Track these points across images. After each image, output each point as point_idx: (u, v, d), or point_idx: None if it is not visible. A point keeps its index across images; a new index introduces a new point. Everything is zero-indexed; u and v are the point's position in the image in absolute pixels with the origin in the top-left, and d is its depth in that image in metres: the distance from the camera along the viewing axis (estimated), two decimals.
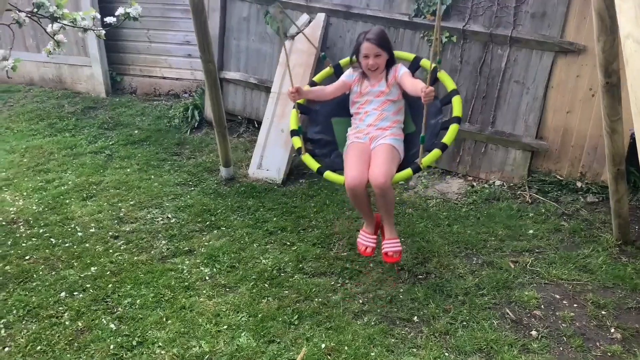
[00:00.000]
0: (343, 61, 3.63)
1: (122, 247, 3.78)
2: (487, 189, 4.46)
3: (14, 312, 3.15)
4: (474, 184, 4.60)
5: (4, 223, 4.08)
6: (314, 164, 3.25)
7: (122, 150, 5.37)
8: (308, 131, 3.59)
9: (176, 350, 2.86)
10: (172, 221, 4.11)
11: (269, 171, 4.90)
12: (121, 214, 4.21)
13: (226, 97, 5.89)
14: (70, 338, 2.97)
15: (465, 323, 3.00)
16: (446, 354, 2.80)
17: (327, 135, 3.54)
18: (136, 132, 5.80)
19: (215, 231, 3.98)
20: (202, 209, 4.28)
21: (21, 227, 4.03)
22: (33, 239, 3.87)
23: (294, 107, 3.39)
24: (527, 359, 2.73)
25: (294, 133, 3.38)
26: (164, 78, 6.90)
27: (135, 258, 3.65)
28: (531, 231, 3.85)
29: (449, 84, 3.23)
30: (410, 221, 4.04)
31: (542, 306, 3.12)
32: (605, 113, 3.14)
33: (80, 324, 3.07)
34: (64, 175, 4.86)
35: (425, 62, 3.41)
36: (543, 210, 4.12)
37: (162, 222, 4.11)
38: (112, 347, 2.89)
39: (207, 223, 4.09)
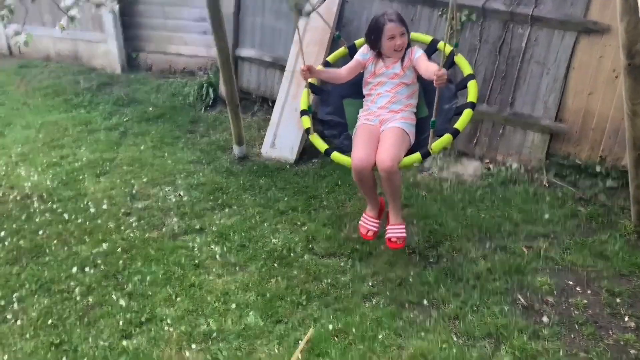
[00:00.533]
0: (358, 41, 3.54)
1: (133, 224, 3.80)
2: (503, 172, 4.37)
3: (27, 286, 3.19)
4: (491, 166, 4.51)
5: (18, 198, 4.12)
6: (321, 145, 3.21)
7: (137, 127, 5.38)
8: (319, 111, 3.55)
9: (184, 327, 2.88)
10: (184, 199, 4.11)
11: (281, 150, 4.87)
12: (134, 191, 4.22)
13: (241, 75, 5.84)
14: (81, 313, 3.00)
15: (475, 308, 2.96)
16: (455, 338, 2.77)
17: (337, 117, 3.49)
18: (151, 109, 5.80)
19: (227, 210, 3.98)
20: (214, 187, 4.27)
21: (35, 202, 4.07)
22: (46, 214, 3.90)
23: (305, 87, 3.33)
24: (537, 345, 2.69)
25: (303, 113, 3.33)
26: (180, 55, 6.86)
27: (147, 235, 3.67)
28: (547, 216, 3.78)
29: (466, 68, 3.15)
30: (424, 204, 3.98)
31: (555, 292, 3.06)
32: (626, 96, 3.03)
33: (90, 300, 3.10)
34: (78, 151, 4.88)
35: (443, 45, 3.31)
36: (560, 195, 4.03)
37: (174, 199, 4.11)
38: (121, 322, 2.92)
39: (219, 201, 4.08)
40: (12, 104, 6.00)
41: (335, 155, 3.15)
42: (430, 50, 3.36)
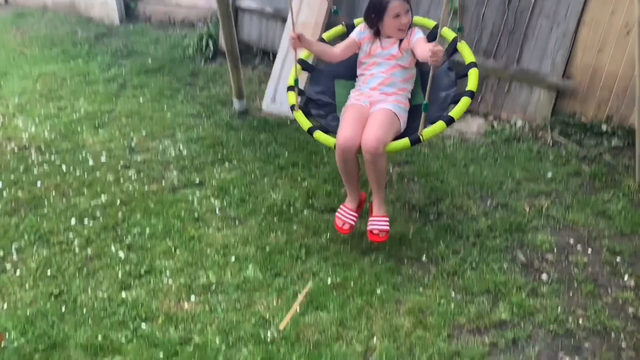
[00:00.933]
0: (358, 20, 3.35)
1: (132, 177, 3.76)
2: (507, 130, 4.30)
3: (26, 237, 3.19)
4: (495, 124, 4.44)
5: (16, 149, 4.08)
6: (305, 122, 3.02)
7: (135, 79, 5.28)
8: (308, 89, 3.36)
9: (184, 279, 2.88)
10: (183, 153, 4.07)
11: (282, 106, 4.78)
12: (133, 144, 4.17)
13: (241, 27, 5.70)
14: (80, 264, 3.00)
15: (474, 265, 2.95)
16: (453, 294, 2.77)
17: (327, 97, 3.31)
18: (150, 61, 5.68)
19: (227, 164, 3.94)
20: (214, 141, 4.22)
21: (33, 153, 4.02)
22: (44, 166, 3.87)
23: (295, 60, 3.14)
24: (535, 302, 2.69)
25: (290, 89, 3.14)
26: (179, 6, 6.69)
27: (146, 188, 3.64)
28: (550, 174, 3.73)
29: (468, 56, 2.99)
30: (425, 161, 3.93)
31: (555, 250, 3.05)
32: (638, 52, 2.93)
33: (89, 251, 3.10)
34: (76, 102, 4.80)
35: (447, 32, 3.14)
36: (564, 153, 3.97)
37: (173, 153, 4.06)
38: (120, 274, 2.92)
39: (219, 156, 4.03)
40: (9, 53, 5.88)
41: (319, 135, 2.95)
42: (432, 36, 3.16)
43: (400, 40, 3.07)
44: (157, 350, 2.48)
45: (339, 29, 3.44)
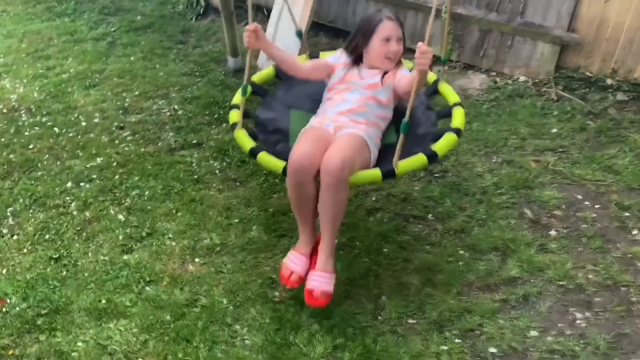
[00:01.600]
0: (325, 54, 2.98)
1: (128, 138, 3.65)
2: (510, 85, 4.21)
3: (20, 200, 3.10)
4: (497, 79, 4.34)
5: (5, 111, 3.94)
6: (247, 142, 2.46)
7: (125, 37, 5.09)
8: (257, 112, 2.86)
9: (187, 241, 2.82)
10: (179, 113, 3.95)
11: None
12: (126, 104, 4.04)
13: None
14: (79, 228, 2.93)
15: (481, 222, 2.91)
16: (461, 252, 2.74)
17: (280, 124, 2.78)
18: (139, 18, 5.47)
19: (224, 125, 3.83)
20: (209, 101, 4.09)
21: (23, 115, 3.89)
22: (36, 128, 3.74)
23: (245, 82, 2.55)
24: (544, 258, 2.66)
25: (234, 107, 2.65)
26: None
27: (142, 150, 3.54)
28: (555, 130, 3.67)
29: (452, 96, 2.67)
30: None
31: (563, 206, 3.01)
32: None
33: (87, 214, 3.02)
34: (64, 62, 4.63)
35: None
36: (569, 109, 3.90)
37: (168, 113, 3.95)
38: (120, 237, 2.86)
39: (215, 116, 3.92)
40: None
41: (264, 157, 2.38)
42: (430, 90, 2.82)
43: (384, 73, 2.62)
44: (164, 312, 2.44)
45: (270, 71, 2.99)
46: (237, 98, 2.67)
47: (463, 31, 4.43)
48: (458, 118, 2.51)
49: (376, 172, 2.30)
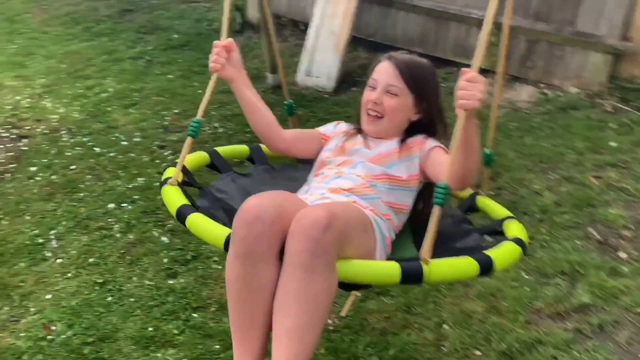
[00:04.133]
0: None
1: (169, 157, 3.59)
2: (561, 97, 4.03)
3: (64, 223, 3.03)
4: (547, 91, 4.17)
5: (46, 131, 3.91)
6: (177, 199, 1.74)
7: (163, 56, 5.08)
8: (214, 183, 2.14)
9: None
10: (219, 130, 3.88)
11: (318, 78, 4.56)
12: (166, 123, 3.99)
13: None
14: (123, 251, 2.84)
15: (545, 243, 2.74)
16: (525, 276, 2.56)
17: (233, 203, 1.91)
18: (175, 36, 5.47)
19: None
20: None
21: (64, 135, 3.86)
22: (77, 148, 3.70)
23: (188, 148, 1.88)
24: (617, 283, 2.47)
25: (177, 165, 1.88)
26: None
27: None
28: (614, 143, 3.47)
29: (499, 210, 1.90)
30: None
31: (631, 226, 2.82)
32: None
33: (131, 237, 2.93)
34: (104, 81, 4.62)
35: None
36: (626, 121, 3.70)
37: (209, 131, 3.88)
38: (165, 260, 2.76)
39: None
40: (31, 33, 5.70)
41: (197, 219, 1.59)
42: (466, 205, 1.97)
43: (402, 140, 1.84)
44: (212, 341, 2.32)
45: (203, 156, 2.20)
46: (183, 159, 1.88)
47: (509, 42, 4.28)
48: (517, 229, 1.74)
49: (392, 266, 1.39)
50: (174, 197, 1.77)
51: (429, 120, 1.86)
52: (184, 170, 1.94)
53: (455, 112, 1.41)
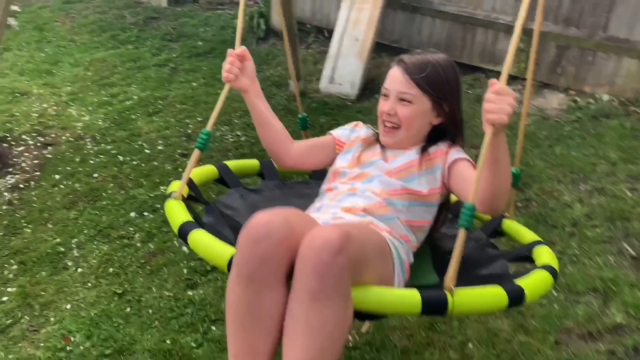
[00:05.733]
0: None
1: None
2: (593, 105, 3.90)
3: (85, 231, 3.04)
4: (577, 98, 4.04)
5: (71, 139, 3.95)
6: (180, 215, 1.67)
7: (187, 63, 5.09)
8: (220, 199, 2.13)
9: None
10: (242, 139, 3.86)
11: (341, 85, 4.51)
12: (189, 131, 3.99)
13: (294, 2, 5.41)
14: (143, 261, 2.83)
15: (575, 258, 2.63)
16: (554, 293, 2.46)
17: (242, 221, 1.62)
18: (200, 43, 5.48)
19: None
20: None
21: (88, 143, 3.88)
22: (100, 156, 3.72)
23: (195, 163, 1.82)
24: None
25: (184, 180, 1.82)
26: None
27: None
28: None
29: (527, 234, 1.86)
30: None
31: None
32: None
33: (151, 246, 2.92)
34: (128, 89, 4.65)
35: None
36: None
37: (231, 139, 3.86)
38: (185, 271, 2.74)
39: None
40: (59, 41, 5.78)
41: (199, 236, 1.52)
42: (490, 228, 1.91)
43: (424, 148, 1.71)
44: None
45: (211, 170, 2.13)
46: (190, 173, 1.83)
47: (538, 48, 4.16)
48: (547, 255, 1.66)
49: (412, 295, 1.29)
50: (177, 213, 1.69)
51: (453, 122, 1.73)
52: (190, 184, 1.87)
53: (483, 126, 1.30)
